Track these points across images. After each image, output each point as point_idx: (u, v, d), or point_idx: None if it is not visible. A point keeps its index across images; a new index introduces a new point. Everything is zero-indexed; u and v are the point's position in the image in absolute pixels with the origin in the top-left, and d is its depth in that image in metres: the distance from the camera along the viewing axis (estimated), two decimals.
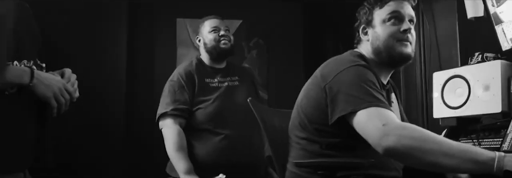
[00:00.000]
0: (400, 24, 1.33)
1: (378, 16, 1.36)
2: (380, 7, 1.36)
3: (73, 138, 2.81)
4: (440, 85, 2.07)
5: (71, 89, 1.17)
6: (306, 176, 1.28)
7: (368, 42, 1.38)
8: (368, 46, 1.38)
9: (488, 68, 1.89)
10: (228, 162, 1.95)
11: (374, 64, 1.34)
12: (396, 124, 1.12)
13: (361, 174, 1.22)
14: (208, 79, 2.08)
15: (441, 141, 1.07)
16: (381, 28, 1.35)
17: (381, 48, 1.34)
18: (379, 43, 1.34)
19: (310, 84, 1.36)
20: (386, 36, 1.33)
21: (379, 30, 1.35)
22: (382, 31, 1.34)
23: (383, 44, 1.33)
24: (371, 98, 1.17)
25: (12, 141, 1.08)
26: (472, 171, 1.04)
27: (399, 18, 1.33)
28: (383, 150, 1.09)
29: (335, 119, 1.21)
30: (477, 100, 1.88)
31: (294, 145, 1.36)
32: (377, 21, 1.36)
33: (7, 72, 1.05)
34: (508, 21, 1.93)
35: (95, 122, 2.97)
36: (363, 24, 1.41)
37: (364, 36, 1.40)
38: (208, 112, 2.01)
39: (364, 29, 1.40)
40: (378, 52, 1.34)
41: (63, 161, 2.60)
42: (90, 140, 2.89)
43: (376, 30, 1.36)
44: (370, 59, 1.36)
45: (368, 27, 1.39)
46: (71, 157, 2.70)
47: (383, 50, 1.33)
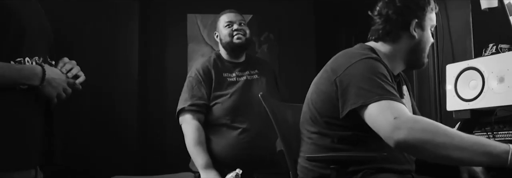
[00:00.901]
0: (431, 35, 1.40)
1: (430, 20, 1.39)
2: (431, 12, 1.39)
3: (85, 136, 2.85)
4: (453, 77, 2.04)
5: (71, 81, 1.20)
6: (318, 170, 1.28)
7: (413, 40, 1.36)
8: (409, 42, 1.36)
9: (502, 59, 1.86)
10: (246, 157, 1.97)
11: (386, 58, 1.34)
12: (407, 117, 1.11)
13: (373, 168, 1.22)
14: (226, 73, 2.09)
15: (453, 134, 1.06)
16: (429, 34, 1.38)
17: (420, 52, 1.37)
18: (424, 47, 1.38)
19: (320, 78, 1.36)
20: (429, 43, 1.39)
21: (427, 35, 1.38)
22: (429, 37, 1.39)
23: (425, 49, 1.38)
24: (383, 91, 1.16)
25: (22, 137, 1.11)
26: (485, 164, 1.04)
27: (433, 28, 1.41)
28: (395, 143, 1.09)
29: (346, 112, 1.20)
30: (491, 92, 1.85)
31: (306, 139, 1.36)
32: (428, 24, 1.38)
33: (19, 72, 1.08)
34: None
35: (107, 119, 3.00)
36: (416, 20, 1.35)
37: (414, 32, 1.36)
38: (225, 107, 2.02)
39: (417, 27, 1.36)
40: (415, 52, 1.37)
41: (75, 160, 2.65)
42: (102, 138, 2.92)
43: (425, 34, 1.38)
44: (381, 53, 1.35)
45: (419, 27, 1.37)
46: (83, 156, 2.73)
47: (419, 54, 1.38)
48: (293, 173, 1.39)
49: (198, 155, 1.93)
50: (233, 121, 2.01)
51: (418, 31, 1.36)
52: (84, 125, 2.88)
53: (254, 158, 1.97)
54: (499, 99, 1.82)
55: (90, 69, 1.33)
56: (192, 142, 1.95)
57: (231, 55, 2.12)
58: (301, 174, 1.36)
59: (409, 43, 1.36)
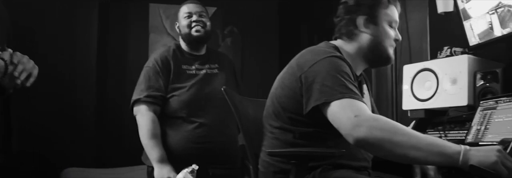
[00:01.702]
0: (395, 31, 1.39)
1: (385, 16, 1.39)
2: (385, 8, 1.39)
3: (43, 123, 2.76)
4: (410, 78, 2.12)
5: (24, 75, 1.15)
6: (279, 165, 1.29)
7: (367, 35, 1.37)
8: (364, 39, 1.38)
9: (455, 62, 1.95)
10: (202, 151, 1.93)
11: (349, 57, 1.36)
12: (368, 116, 1.14)
13: (332, 164, 1.24)
14: (185, 66, 2.04)
15: (410, 133, 1.09)
16: (387, 29, 1.38)
17: (379, 47, 1.37)
18: (380, 42, 1.37)
19: (285, 74, 1.37)
20: (390, 39, 1.38)
21: (384, 31, 1.38)
22: (388, 32, 1.39)
23: (384, 44, 1.38)
24: (345, 89, 1.19)
25: None
26: (438, 163, 1.08)
27: (396, 25, 1.41)
28: (354, 141, 1.12)
29: (309, 109, 1.22)
30: (444, 93, 1.94)
31: (268, 134, 1.37)
32: (383, 20, 1.38)
33: None
34: (476, 17, 1.98)
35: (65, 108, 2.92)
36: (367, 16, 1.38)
37: (365, 29, 1.38)
38: (182, 100, 1.98)
39: (367, 23, 1.38)
40: (372, 49, 1.37)
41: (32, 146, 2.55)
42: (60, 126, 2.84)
43: (380, 30, 1.38)
44: (345, 51, 1.37)
45: (371, 23, 1.38)
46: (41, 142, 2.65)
47: (378, 49, 1.37)
48: (254, 167, 1.40)
49: (153, 149, 1.88)
50: (190, 114, 1.97)
51: (372, 27, 1.38)
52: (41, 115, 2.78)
53: (210, 153, 1.94)
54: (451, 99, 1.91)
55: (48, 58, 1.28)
56: (147, 135, 1.90)
57: (190, 48, 2.07)
58: (262, 168, 1.37)
59: (365, 40, 1.38)
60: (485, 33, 1.96)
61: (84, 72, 3.03)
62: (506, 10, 1.83)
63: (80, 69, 3.01)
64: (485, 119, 1.58)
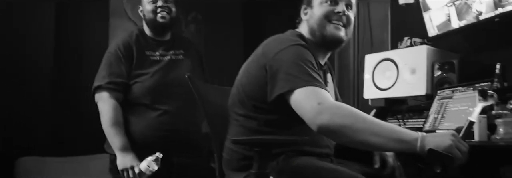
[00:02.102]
0: (335, 6, 1.35)
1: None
2: None
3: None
4: (371, 67, 2.17)
5: None
6: (243, 152, 1.29)
7: (306, 22, 1.40)
8: (305, 26, 1.40)
9: (415, 52, 2.01)
10: (166, 139, 1.90)
11: (312, 45, 1.36)
12: (330, 103, 1.15)
13: (295, 151, 1.26)
14: (149, 51, 1.99)
15: (370, 121, 1.12)
16: (317, 8, 1.37)
17: (315, 28, 1.36)
18: (313, 23, 1.36)
19: (250, 62, 1.36)
20: (320, 15, 1.35)
21: (316, 10, 1.37)
22: (317, 11, 1.36)
23: (317, 23, 1.35)
24: (309, 77, 1.20)
25: None
26: (397, 149, 1.11)
27: (336, 1, 1.36)
28: (317, 128, 1.13)
29: (274, 97, 1.22)
30: (404, 82, 2.00)
31: (233, 121, 1.37)
32: (316, 2, 1.38)
33: None
34: (435, 9, 2.05)
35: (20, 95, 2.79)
36: (305, 4, 1.42)
37: (304, 16, 1.42)
38: (146, 86, 1.93)
39: (305, 10, 1.42)
40: (313, 32, 1.37)
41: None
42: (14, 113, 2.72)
43: (314, 10, 1.38)
44: (308, 39, 1.38)
45: (308, 7, 1.41)
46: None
47: (316, 30, 1.35)
48: (218, 155, 1.40)
49: (115, 136, 1.84)
50: (154, 101, 1.93)
51: (309, 12, 1.39)
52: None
53: (174, 141, 1.91)
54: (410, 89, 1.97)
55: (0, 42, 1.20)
56: (109, 122, 1.85)
57: (155, 33, 2.02)
58: (226, 156, 1.36)
59: (306, 26, 1.39)
60: (443, 25, 2.03)
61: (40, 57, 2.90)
62: (464, 3, 1.90)
63: (35, 54, 2.88)
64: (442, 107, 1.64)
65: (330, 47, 1.40)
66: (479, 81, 1.55)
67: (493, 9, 1.76)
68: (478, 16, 1.84)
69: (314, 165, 1.21)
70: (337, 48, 1.41)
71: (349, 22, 1.38)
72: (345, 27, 1.37)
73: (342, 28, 1.36)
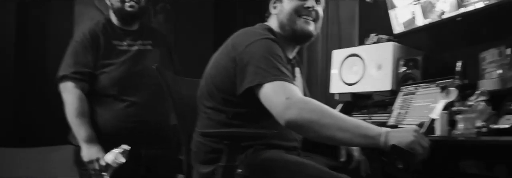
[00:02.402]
0: (305, 1, 1.36)
1: None
2: None
3: None
4: (339, 62, 2.20)
5: None
6: (211, 145, 1.29)
7: (276, 16, 1.40)
8: (275, 20, 1.40)
9: (381, 49, 2.06)
10: (134, 131, 1.87)
11: (282, 39, 1.37)
12: (298, 98, 1.17)
13: (264, 144, 1.27)
14: (116, 41, 1.94)
15: (337, 116, 1.14)
16: (287, 3, 1.37)
17: (285, 22, 1.36)
18: (283, 17, 1.37)
19: (220, 54, 1.36)
20: (290, 10, 1.36)
21: (286, 5, 1.38)
22: (287, 5, 1.37)
23: (287, 18, 1.36)
24: (277, 72, 1.20)
25: None
26: (363, 144, 1.14)
27: None
28: (285, 122, 1.14)
29: (243, 90, 1.22)
30: (370, 78, 2.05)
31: (201, 114, 1.36)
32: None
33: None
34: (401, 6, 2.10)
35: None
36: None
37: (273, 10, 1.42)
38: (113, 77, 1.89)
39: (274, 3, 1.43)
40: (282, 26, 1.37)
41: None
42: None
43: (283, 5, 1.38)
44: (278, 33, 1.39)
45: (278, 1, 1.41)
46: None
47: (286, 24, 1.36)
48: (186, 147, 1.39)
49: (80, 127, 1.79)
50: (121, 92, 1.89)
51: (278, 6, 1.40)
52: None
53: (142, 132, 1.88)
54: (376, 84, 2.02)
55: None
56: (74, 113, 1.80)
57: (122, 23, 1.97)
58: (194, 149, 1.36)
59: (275, 20, 1.40)
60: (408, 22, 2.08)
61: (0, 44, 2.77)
62: (428, 1, 1.95)
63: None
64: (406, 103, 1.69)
65: (300, 42, 1.41)
66: (441, 78, 1.60)
67: (456, 9, 1.82)
68: (441, 15, 1.90)
69: (282, 158, 1.23)
70: (306, 42, 1.43)
71: (318, 17, 1.40)
72: (314, 22, 1.39)
73: (311, 23, 1.38)
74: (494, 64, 1.56)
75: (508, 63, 1.50)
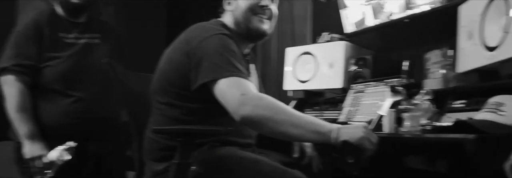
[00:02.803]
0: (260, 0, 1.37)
1: None
2: None
3: None
4: (292, 60, 2.24)
5: None
6: (165, 142, 1.26)
7: (231, 13, 1.39)
8: (230, 16, 1.39)
9: (333, 47, 2.12)
10: (81, 127, 1.79)
11: (236, 35, 1.37)
12: (253, 94, 1.17)
13: (219, 141, 1.26)
14: (62, 33, 1.84)
15: (291, 112, 1.16)
16: (242, 0, 1.37)
17: (240, 20, 1.36)
18: (238, 15, 1.36)
19: (173, 49, 1.33)
20: (245, 8, 1.35)
21: (241, 2, 1.37)
22: (242, 3, 1.36)
23: (242, 16, 1.36)
24: (233, 68, 1.20)
25: None
26: (315, 140, 1.16)
27: None
28: (240, 118, 1.15)
29: (197, 85, 1.21)
30: (322, 75, 2.10)
31: (155, 110, 1.33)
32: None
33: None
34: (352, 7, 2.16)
35: None
36: None
37: (228, 6, 1.41)
38: (58, 71, 1.80)
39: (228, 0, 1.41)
40: (237, 23, 1.37)
41: None
42: None
43: (238, 2, 1.38)
44: (232, 29, 1.38)
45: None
46: None
47: (241, 22, 1.36)
48: (138, 144, 1.35)
49: (22, 123, 1.70)
50: (67, 87, 1.81)
51: (233, 2, 1.39)
52: None
53: (89, 129, 1.81)
54: (328, 82, 2.07)
55: None
56: (15, 108, 1.71)
57: (68, 14, 1.88)
58: (147, 146, 1.33)
59: (230, 17, 1.38)
60: (359, 22, 2.15)
61: None
62: (377, 3, 2.03)
63: None
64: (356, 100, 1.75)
65: (254, 40, 1.41)
66: (389, 77, 1.67)
67: (403, 11, 1.90)
68: (390, 16, 1.97)
69: (236, 155, 1.23)
70: (260, 40, 1.43)
71: (273, 15, 1.40)
72: (269, 20, 1.39)
73: (266, 21, 1.38)
74: (437, 64, 1.65)
75: (450, 64, 1.59)
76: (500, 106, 1.10)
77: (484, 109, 1.15)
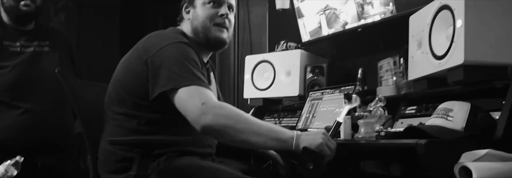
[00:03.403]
0: (218, 8, 1.37)
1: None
2: None
3: None
4: (251, 68, 2.26)
5: None
6: (122, 153, 1.23)
7: (189, 21, 1.39)
8: (188, 25, 1.39)
9: (290, 56, 2.15)
10: (29, 141, 1.71)
11: (195, 43, 1.36)
12: (214, 103, 1.17)
13: (178, 151, 1.24)
14: (8, 42, 1.76)
15: (252, 121, 1.17)
16: (201, 9, 1.37)
17: (198, 29, 1.36)
18: (197, 24, 1.36)
19: (130, 57, 1.31)
20: (204, 18, 1.36)
21: (199, 11, 1.37)
22: (201, 12, 1.36)
23: (201, 25, 1.36)
24: (193, 76, 1.20)
25: None
26: (276, 148, 1.18)
27: (219, 3, 1.37)
28: (201, 127, 1.14)
29: (156, 95, 1.19)
30: (280, 83, 2.13)
31: (110, 121, 1.30)
32: (198, 2, 1.38)
33: None
34: (308, 16, 2.21)
35: None
36: (186, 3, 1.41)
37: (186, 15, 1.41)
38: (4, 82, 1.71)
39: (187, 8, 1.41)
40: (196, 32, 1.36)
41: None
42: None
43: (197, 11, 1.38)
44: (191, 38, 1.37)
45: (191, 6, 1.40)
46: None
47: (200, 31, 1.36)
48: (93, 156, 1.31)
49: None
50: (14, 98, 1.73)
51: (192, 11, 1.39)
52: None
53: (39, 142, 1.74)
54: (286, 90, 2.10)
55: None
56: None
57: (15, 22, 1.81)
58: (102, 157, 1.28)
59: (188, 26, 1.38)
60: (315, 31, 2.20)
61: None
62: (332, 12, 2.09)
63: None
64: (313, 108, 1.78)
65: (213, 49, 1.41)
66: (345, 84, 1.72)
67: (357, 20, 1.96)
68: (344, 25, 2.04)
69: (196, 164, 1.21)
70: (220, 49, 1.43)
71: (231, 24, 1.41)
72: (227, 30, 1.39)
73: (225, 30, 1.38)
74: (389, 72, 1.71)
75: (401, 72, 1.65)
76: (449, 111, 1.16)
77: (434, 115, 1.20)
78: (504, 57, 1.20)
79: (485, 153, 0.97)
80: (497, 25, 1.22)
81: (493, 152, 0.97)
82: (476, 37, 1.20)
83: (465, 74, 1.21)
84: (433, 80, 1.40)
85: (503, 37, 1.22)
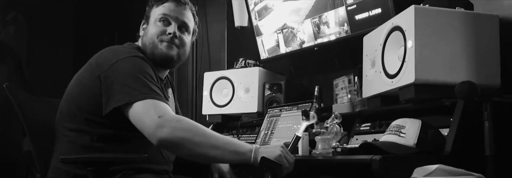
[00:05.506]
0: (167, 27, 1.36)
1: (153, 14, 1.38)
2: (157, 6, 1.38)
3: None
4: (209, 84, 2.25)
5: None
6: (74, 171, 1.18)
7: (141, 38, 1.38)
8: (141, 42, 1.38)
9: (249, 73, 2.17)
10: None
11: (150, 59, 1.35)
12: (171, 116, 1.15)
13: (133, 168, 1.20)
14: None
15: (209, 134, 1.16)
16: (152, 26, 1.37)
17: (146, 45, 1.35)
18: (146, 40, 1.36)
19: (83, 72, 1.28)
20: (152, 34, 1.35)
21: (150, 28, 1.37)
22: (151, 29, 1.36)
23: (149, 41, 1.35)
24: (148, 90, 1.18)
25: None
26: (235, 161, 1.17)
27: (168, 21, 1.37)
28: (158, 141, 1.12)
29: (110, 110, 1.16)
30: (239, 100, 2.14)
31: (62, 137, 1.24)
32: (152, 19, 1.38)
33: None
34: (267, 34, 2.25)
35: None
36: (144, 19, 1.41)
37: (141, 32, 1.40)
38: None
39: (143, 25, 1.41)
40: (145, 48, 1.35)
41: None
42: None
43: (148, 27, 1.38)
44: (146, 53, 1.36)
45: (146, 23, 1.40)
46: None
47: (148, 48, 1.35)
48: (42, 175, 1.24)
49: None
50: None
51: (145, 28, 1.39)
52: None
53: None
54: (244, 106, 2.11)
55: None
56: None
57: None
58: (53, 175, 1.22)
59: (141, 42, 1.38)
60: (272, 49, 2.24)
61: None
62: (290, 31, 2.14)
63: None
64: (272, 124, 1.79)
65: (162, 65, 1.37)
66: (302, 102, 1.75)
67: (313, 39, 2.02)
68: (301, 44, 2.09)
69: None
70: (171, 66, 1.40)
71: (182, 43, 1.37)
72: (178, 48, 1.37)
73: (174, 48, 1.36)
74: (344, 90, 1.76)
75: (356, 90, 1.71)
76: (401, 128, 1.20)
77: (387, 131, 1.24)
78: (452, 76, 1.27)
79: (436, 168, 1.00)
80: (445, 46, 1.29)
81: (443, 167, 1.01)
82: (426, 57, 1.26)
83: (416, 92, 1.27)
84: (386, 98, 1.46)
85: (451, 58, 1.29)
